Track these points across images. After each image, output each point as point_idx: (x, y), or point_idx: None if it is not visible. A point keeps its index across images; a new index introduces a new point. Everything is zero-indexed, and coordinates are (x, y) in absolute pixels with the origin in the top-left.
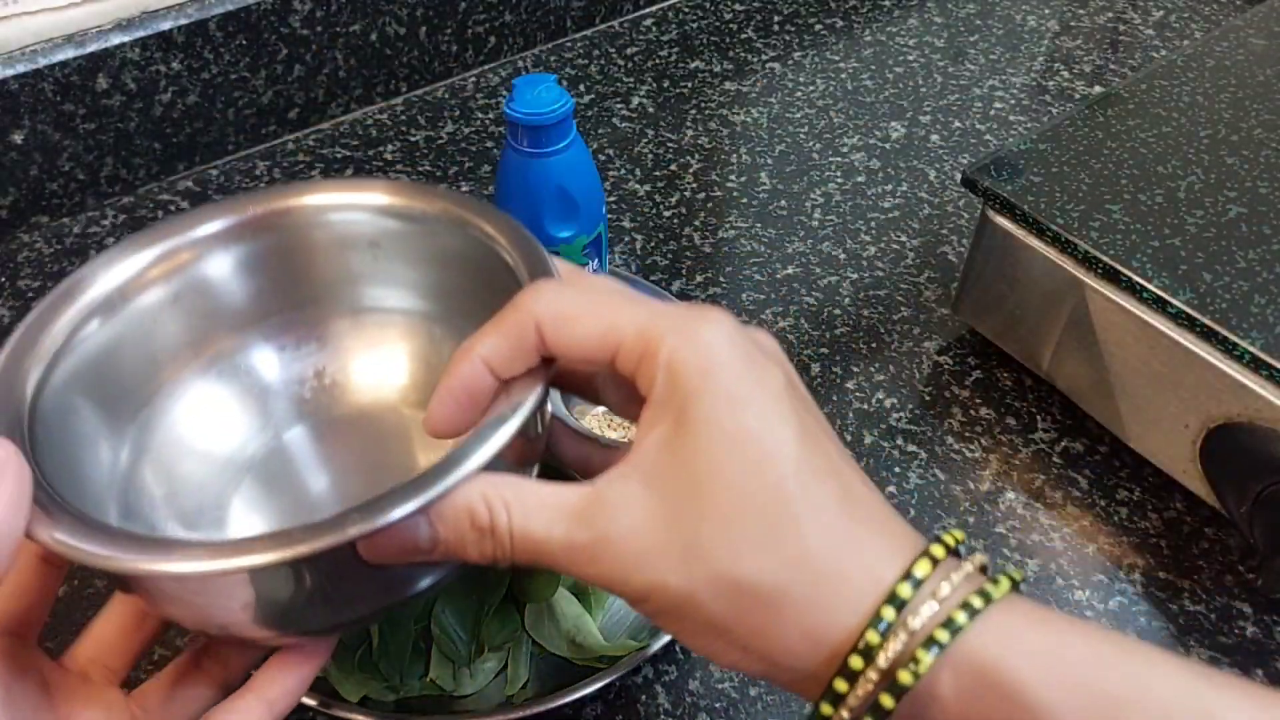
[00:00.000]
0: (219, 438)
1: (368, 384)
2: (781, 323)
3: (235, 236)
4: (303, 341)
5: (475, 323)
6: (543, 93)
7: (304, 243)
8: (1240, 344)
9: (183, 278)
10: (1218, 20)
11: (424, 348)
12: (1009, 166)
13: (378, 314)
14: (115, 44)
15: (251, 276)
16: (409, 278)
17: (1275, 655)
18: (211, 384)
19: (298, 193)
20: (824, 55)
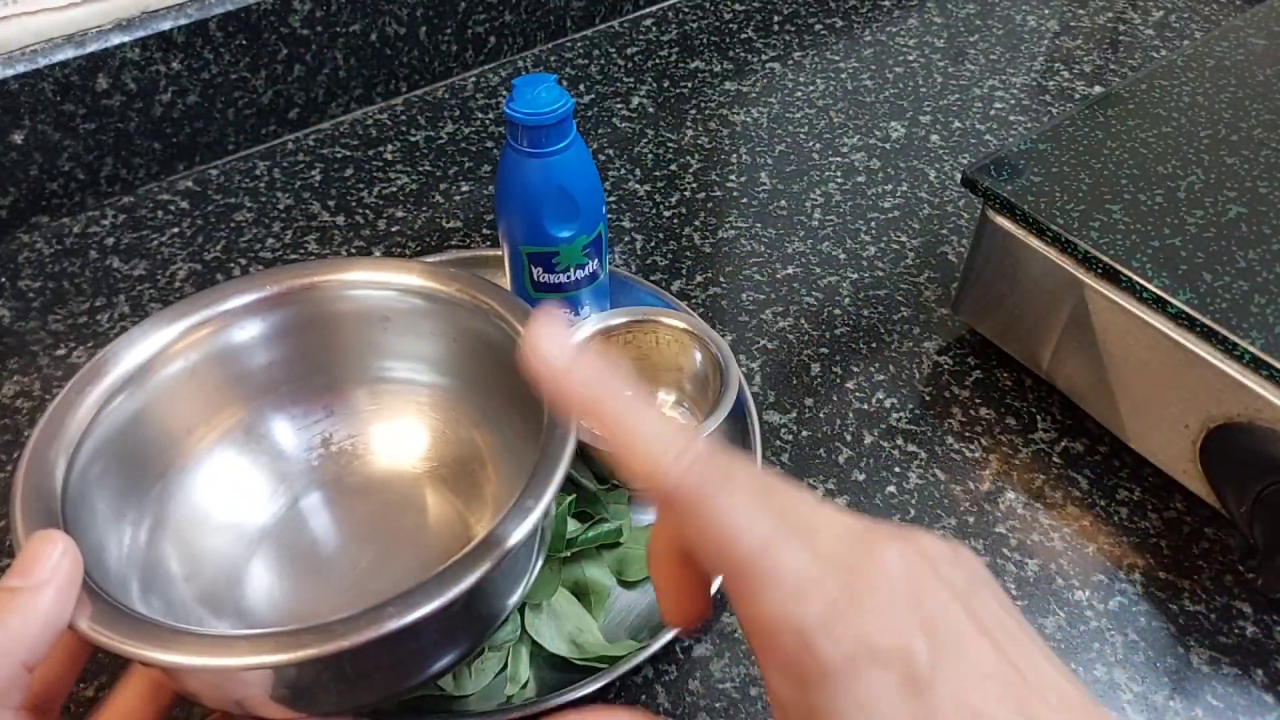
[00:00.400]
0: (234, 507)
1: (379, 452)
2: (781, 323)
3: (257, 310)
4: (311, 410)
5: (491, 399)
6: (543, 93)
7: (324, 316)
8: (1240, 344)
9: (204, 350)
10: (1218, 20)
11: (436, 419)
12: (1009, 166)
13: (392, 385)
14: (115, 44)
15: (270, 348)
16: (424, 353)
17: (1275, 655)
18: (227, 454)
19: (322, 270)
20: (824, 55)
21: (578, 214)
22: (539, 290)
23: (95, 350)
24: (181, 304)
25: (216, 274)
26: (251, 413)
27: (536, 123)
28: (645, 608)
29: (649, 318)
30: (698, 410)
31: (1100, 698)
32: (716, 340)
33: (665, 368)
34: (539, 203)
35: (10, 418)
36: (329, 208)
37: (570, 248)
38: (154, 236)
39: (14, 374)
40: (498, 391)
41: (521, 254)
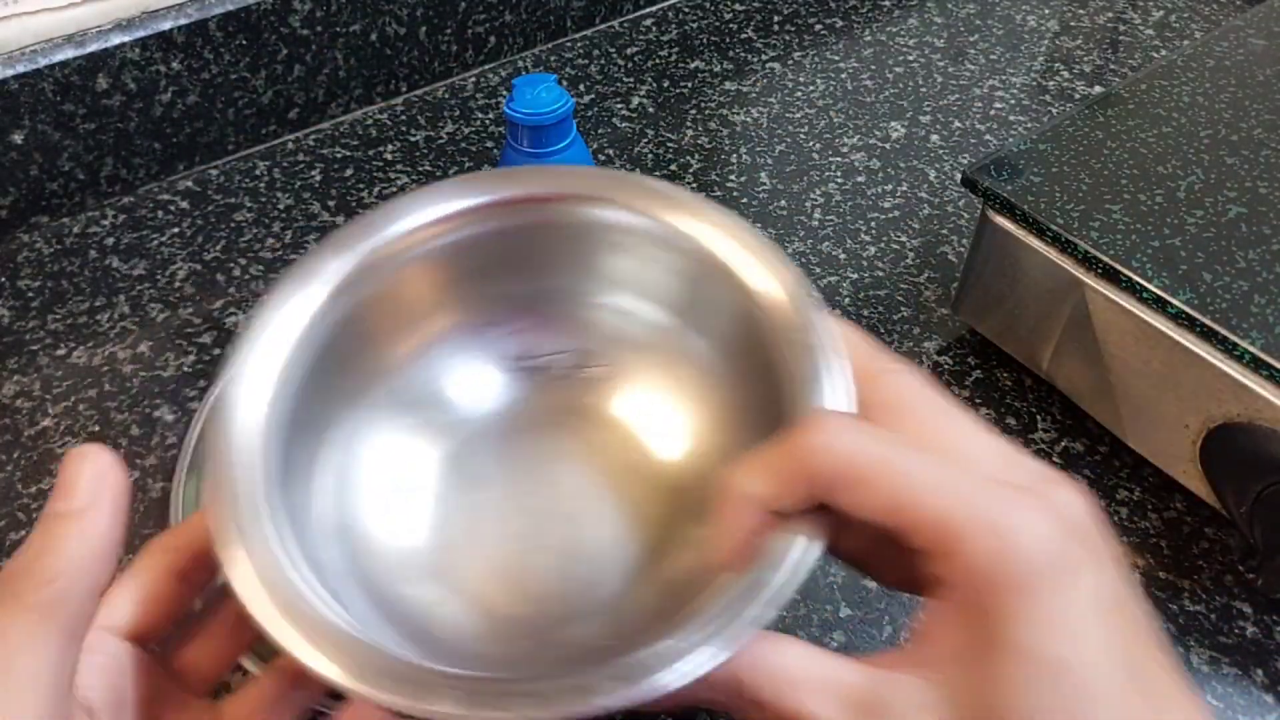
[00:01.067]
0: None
1: (598, 390)
2: None
3: (489, 215)
4: (538, 329)
5: (715, 345)
6: (543, 93)
7: (560, 231)
8: (1240, 344)
9: (429, 248)
10: (1218, 20)
11: (660, 367)
12: (1009, 166)
13: (617, 316)
14: (115, 44)
15: (495, 255)
16: (657, 289)
17: (1275, 655)
18: (436, 361)
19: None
20: (824, 55)
21: None
22: None
23: (95, 350)
24: (415, 195)
25: (216, 274)
26: (467, 320)
27: (537, 123)
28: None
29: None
30: None
31: None
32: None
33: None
34: None
35: (10, 418)
36: (329, 208)
37: None
38: (154, 236)
39: (14, 374)
40: (726, 350)
41: None
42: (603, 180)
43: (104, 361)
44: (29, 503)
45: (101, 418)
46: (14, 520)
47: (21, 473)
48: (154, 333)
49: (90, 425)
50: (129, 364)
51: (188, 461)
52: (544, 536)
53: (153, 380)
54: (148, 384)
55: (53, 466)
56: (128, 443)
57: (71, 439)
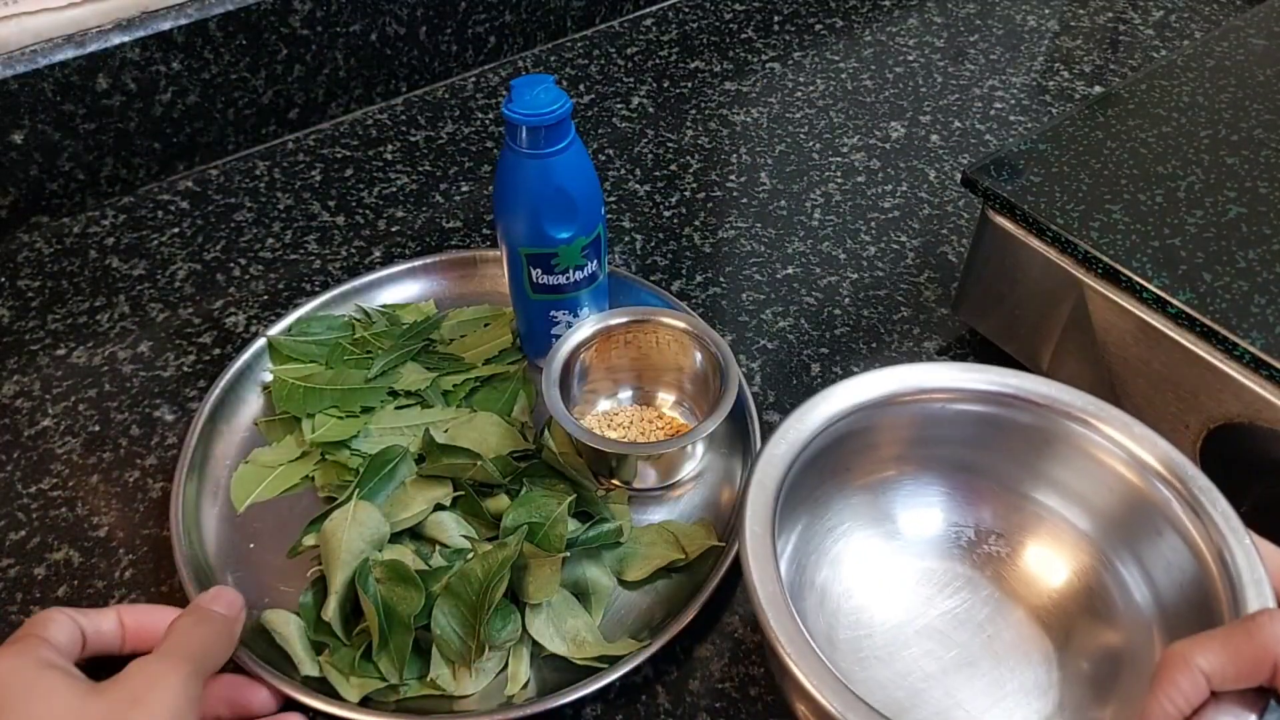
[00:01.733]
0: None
1: (1028, 578)
2: (781, 323)
3: (980, 400)
4: (975, 505)
5: (1129, 557)
6: (541, 93)
7: (1026, 430)
8: (1240, 344)
9: (908, 411)
10: (1218, 20)
11: (1083, 566)
12: (1009, 166)
13: (1047, 515)
14: (115, 44)
15: (971, 432)
16: (1080, 491)
17: None
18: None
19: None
20: (824, 55)
21: (576, 215)
22: (538, 292)
23: (95, 350)
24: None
25: (216, 274)
26: (913, 475)
27: (536, 123)
28: (645, 607)
29: (649, 318)
30: (698, 410)
31: None
32: (716, 340)
33: (666, 368)
34: (538, 203)
35: (10, 418)
36: (329, 208)
37: (569, 249)
38: (154, 236)
39: (14, 374)
40: (1141, 562)
41: (520, 255)
42: (1085, 401)
43: (104, 361)
44: (29, 503)
45: (101, 418)
46: (14, 520)
47: (21, 473)
48: (154, 333)
49: (90, 425)
50: (129, 364)
51: (187, 461)
52: (969, 630)
53: (153, 380)
54: (148, 384)
55: (52, 466)
56: (128, 443)
57: (71, 439)
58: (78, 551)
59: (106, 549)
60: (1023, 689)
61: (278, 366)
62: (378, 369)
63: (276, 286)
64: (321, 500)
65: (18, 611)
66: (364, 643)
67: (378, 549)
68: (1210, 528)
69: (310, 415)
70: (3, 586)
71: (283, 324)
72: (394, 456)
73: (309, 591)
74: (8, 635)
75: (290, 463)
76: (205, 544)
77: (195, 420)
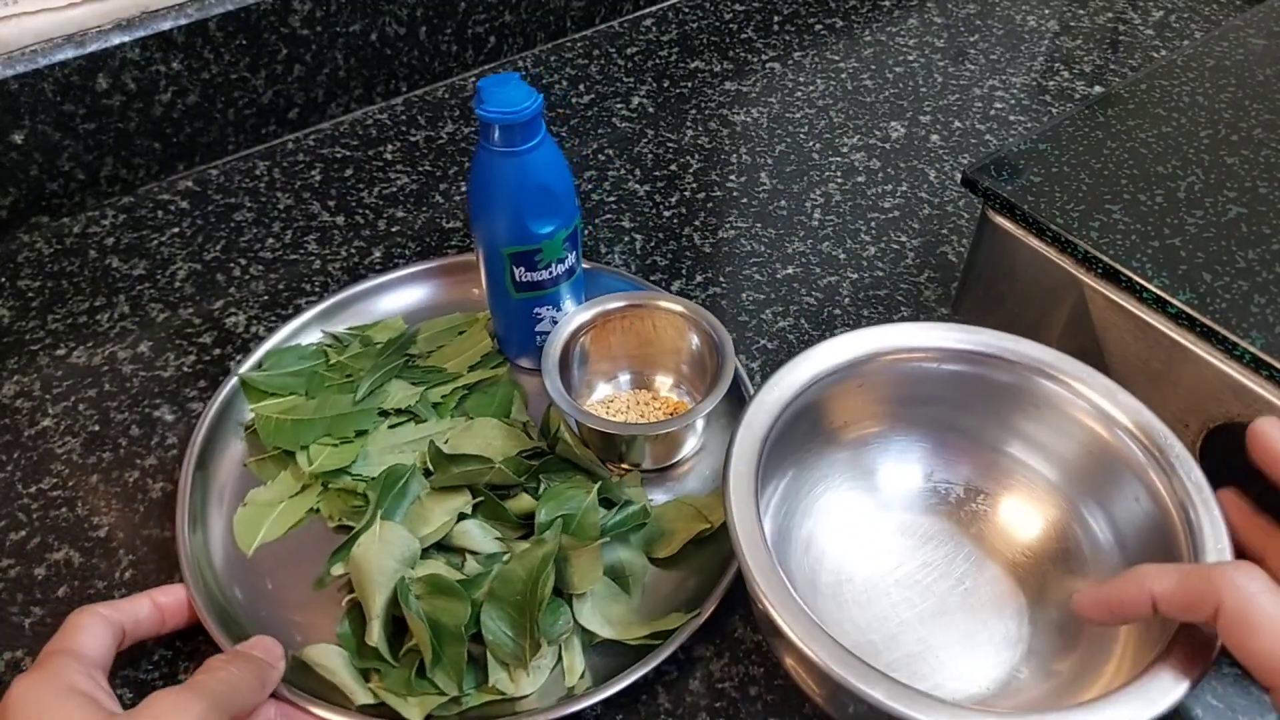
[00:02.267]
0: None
1: (1004, 532)
2: (781, 323)
3: (957, 359)
4: (955, 462)
5: (1098, 509)
6: (512, 91)
7: (1000, 387)
8: (1240, 344)
9: (885, 370)
10: (1218, 20)
11: (1056, 519)
12: (1009, 166)
13: (1022, 471)
14: (115, 44)
15: (941, 388)
16: (1053, 446)
17: None
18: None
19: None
20: (824, 55)
21: (558, 208)
22: (521, 290)
23: (94, 350)
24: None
25: (216, 274)
26: (893, 432)
27: (512, 120)
28: (676, 582)
29: (646, 302)
30: (695, 391)
31: None
32: (712, 322)
33: (663, 350)
34: (519, 201)
35: (10, 418)
36: (329, 208)
37: (552, 243)
38: (154, 236)
39: (14, 374)
40: (1110, 514)
41: (503, 255)
42: (1058, 359)
43: (104, 361)
44: (29, 503)
45: (101, 418)
46: (14, 520)
47: (21, 473)
48: (154, 333)
49: (90, 425)
50: (129, 364)
51: (186, 513)
52: (946, 580)
53: (153, 380)
54: (148, 384)
55: (52, 466)
56: (128, 443)
57: (71, 439)
58: (78, 551)
59: (106, 549)
60: (992, 640)
61: (257, 404)
62: (364, 391)
63: (276, 286)
64: (332, 530)
65: (18, 612)
66: (414, 661)
67: (410, 567)
68: (1173, 478)
69: (304, 447)
70: (3, 586)
71: (252, 359)
72: (402, 474)
73: (345, 620)
74: (7, 636)
75: (291, 498)
76: (223, 590)
77: (185, 470)
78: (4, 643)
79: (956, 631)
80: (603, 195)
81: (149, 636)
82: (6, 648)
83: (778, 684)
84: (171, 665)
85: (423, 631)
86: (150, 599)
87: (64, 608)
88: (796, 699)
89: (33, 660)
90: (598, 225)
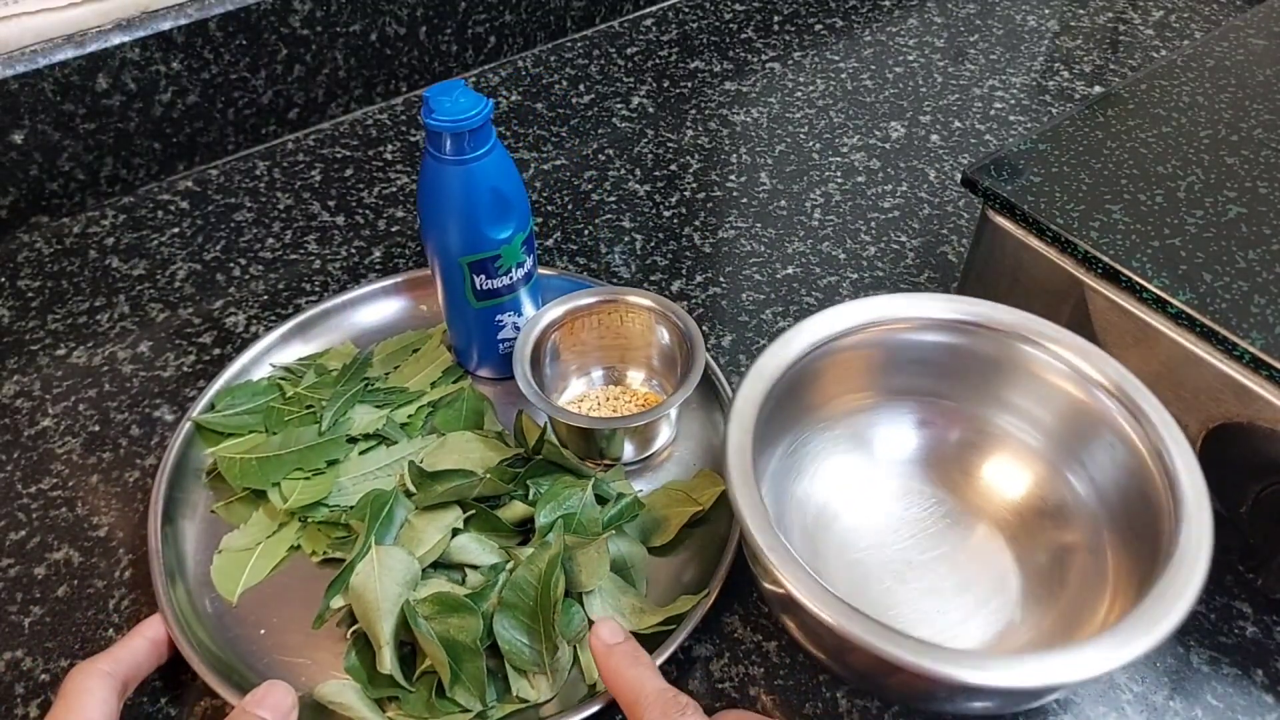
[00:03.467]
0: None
1: (991, 493)
2: (781, 323)
3: (945, 328)
4: (944, 427)
5: (1079, 466)
6: (460, 98)
7: (984, 359)
8: (1240, 344)
9: (876, 340)
10: (1218, 20)
11: (1039, 478)
12: (1009, 166)
13: (1007, 434)
14: (115, 44)
15: (939, 363)
16: (1034, 410)
17: (1275, 655)
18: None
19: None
20: (824, 55)
21: (514, 212)
22: (482, 299)
23: (94, 350)
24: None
25: (216, 274)
26: (884, 401)
27: (461, 128)
28: (676, 569)
29: (616, 297)
30: (666, 383)
31: (1100, 697)
32: (682, 316)
33: (634, 345)
34: (476, 208)
35: (10, 418)
36: (329, 208)
37: (510, 247)
38: (154, 236)
39: (14, 374)
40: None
41: (461, 265)
42: (1042, 326)
43: (104, 361)
44: (29, 503)
45: (101, 418)
46: (14, 520)
47: (21, 473)
48: (154, 333)
49: (90, 425)
50: (129, 364)
51: (162, 574)
52: (939, 540)
53: (153, 380)
54: (148, 384)
55: (52, 466)
56: (128, 443)
57: (71, 439)
58: (78, 551)
59: (106, 549)
60: (986, 593)
61: (217, 447)
62: (329, 420)
63: (276, 286)
64: (317, 566)
65: (17, 611)
66: (431, 683)
67: (413, 589)
68: (1147, 427)
69: (275, 484)
70: (3, 586)
71: (202, 402)
72: (386, 498)
73: (351, 652)
74: (7, 636)
75: (269, 538)
76: (216, 642)
77: (152, 528)
78: (4, 643)
79: (951, 587)
80: (603, 195)
81: (153, 668)
82: (6, 648)
83: (777, 684)
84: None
85: (438, 651)
86: (142, 636)
87: (63, 607)
88: (797, 698)
89: (32, 660)
90: (598, 225)
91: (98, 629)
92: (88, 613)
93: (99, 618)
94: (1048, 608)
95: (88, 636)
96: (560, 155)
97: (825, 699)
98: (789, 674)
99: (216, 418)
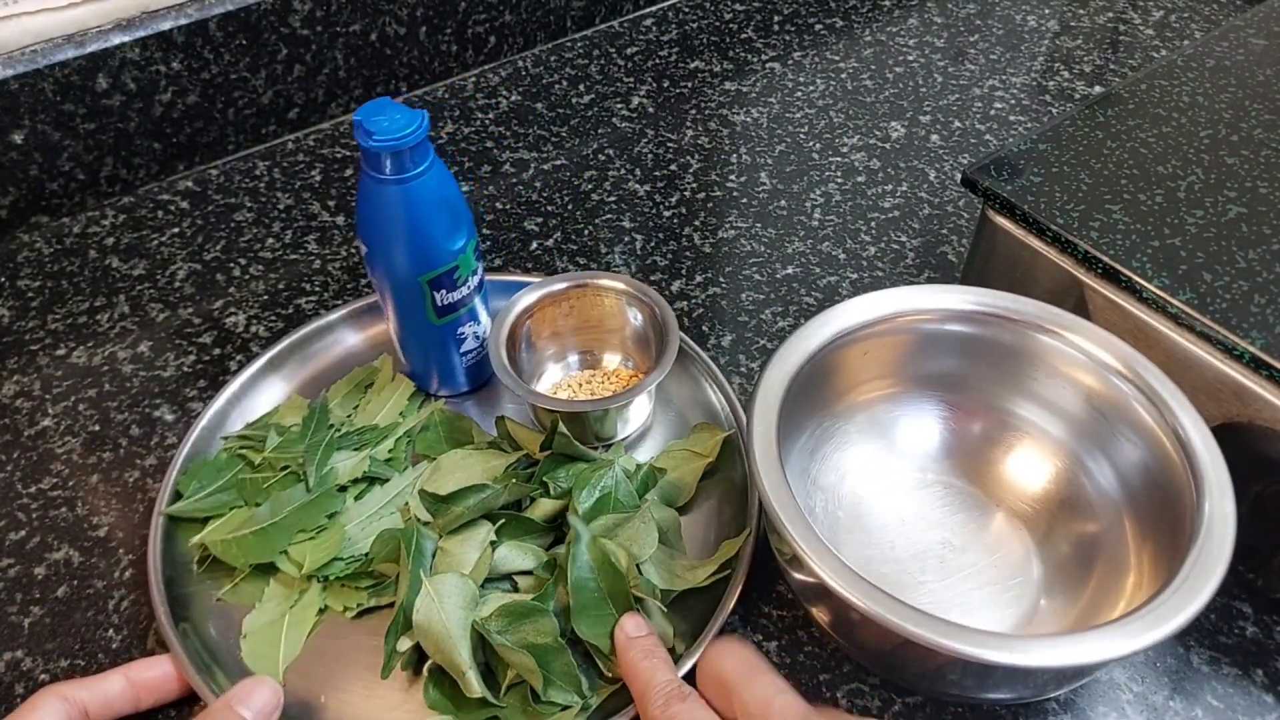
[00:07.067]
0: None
1: (1012, 483)
2: (781, 323)
3: (965, 320)
4: (971, 422)
5: (1101, 456)
6: (396, 116)
7: (1004, 348)
8: (1240, 344)
9: (901, 331)
10: (1218, 20)
11: (1061, 469)
12: (1009, 166)
13: (1028, 426)
14: (115, 44)
15: (960, 354)
16: (1054, 401)
17: (1275, 655)
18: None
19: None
20: (824, 55)
21: (463, 219)
22: (443, 314)
23: (95, 350)
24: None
25: (216, 274)
26: (906, 391)
27: (399, 147)
28: (704, 522)
29: (588, 281)
30: (641, 363)
31: (1100, 698)
32: (655, 297)
33: (608, 329)
34: (428, 224)
35: (10, 418)
36: (329, 208)
37: (465, 256)
38: (154, 236)
39: (14, 374)
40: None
41: (421, 285)
42: (1059, 317)
43: (104, 361)
44: (29, 503)
45: (101, 418)
46: (14, 520)
47: (21, 473)
48: (154, 333)
49: (90, 425)
50: (129, 364)
51: (169, 623)
52: (960, 529)
53: (153, 380)
54: (148, 384)
55: (52, 466)
56: (128, 443)
57: (71, 439)
58: (78, 551)
59: (106, 549)
60: (1010, 580)
61: (200, 535)
62: (315, 476)
63: (276, 286)
64: (351, 620)
65: (17, 611)
66: (522, 694)
67: (474, 609)
68: (1164, 411)
69: (283, 553)
70: (3, 586)
71: (165, 493)
72: (410, 534)
73: (428, 689)
74: (7, 636)
75: (292, 608)
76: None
77: (169, 638)
78: (4, 643)
79: (973, 576)
80: (603, 195)
81: (123, 714)
82: (6, 648)
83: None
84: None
85: (525, 659)
86: (124, 676)
87: (63, 608)
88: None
89: (32, 660)
90: (598, 225)
91: (97, 629)
92: (87, 613)
93: (98, 618)
94: (1071, 596)
95: (87, 637)
96: (560, 155)
97: (826, 699)
98: (790, 674)
99: (189, 505)
